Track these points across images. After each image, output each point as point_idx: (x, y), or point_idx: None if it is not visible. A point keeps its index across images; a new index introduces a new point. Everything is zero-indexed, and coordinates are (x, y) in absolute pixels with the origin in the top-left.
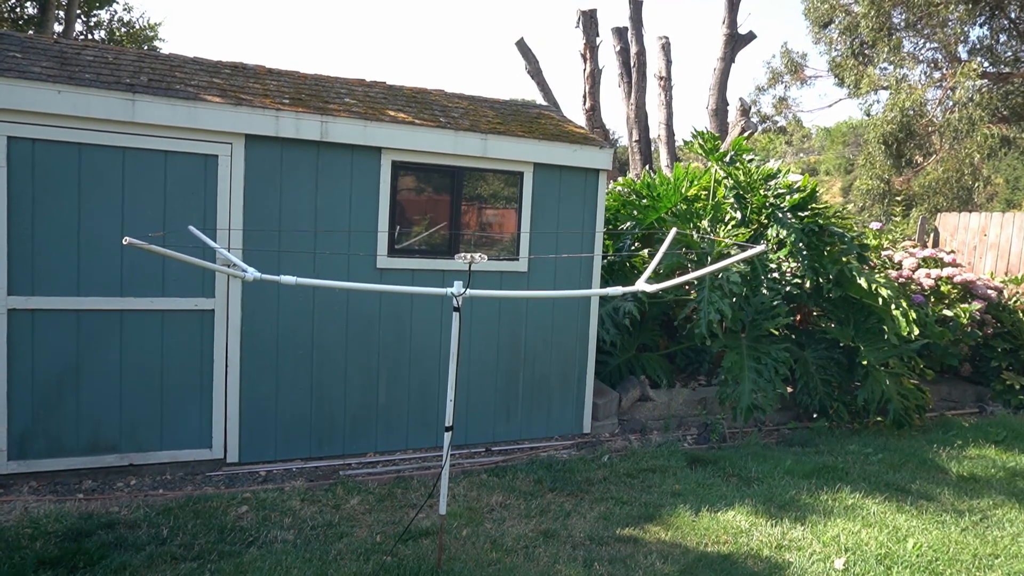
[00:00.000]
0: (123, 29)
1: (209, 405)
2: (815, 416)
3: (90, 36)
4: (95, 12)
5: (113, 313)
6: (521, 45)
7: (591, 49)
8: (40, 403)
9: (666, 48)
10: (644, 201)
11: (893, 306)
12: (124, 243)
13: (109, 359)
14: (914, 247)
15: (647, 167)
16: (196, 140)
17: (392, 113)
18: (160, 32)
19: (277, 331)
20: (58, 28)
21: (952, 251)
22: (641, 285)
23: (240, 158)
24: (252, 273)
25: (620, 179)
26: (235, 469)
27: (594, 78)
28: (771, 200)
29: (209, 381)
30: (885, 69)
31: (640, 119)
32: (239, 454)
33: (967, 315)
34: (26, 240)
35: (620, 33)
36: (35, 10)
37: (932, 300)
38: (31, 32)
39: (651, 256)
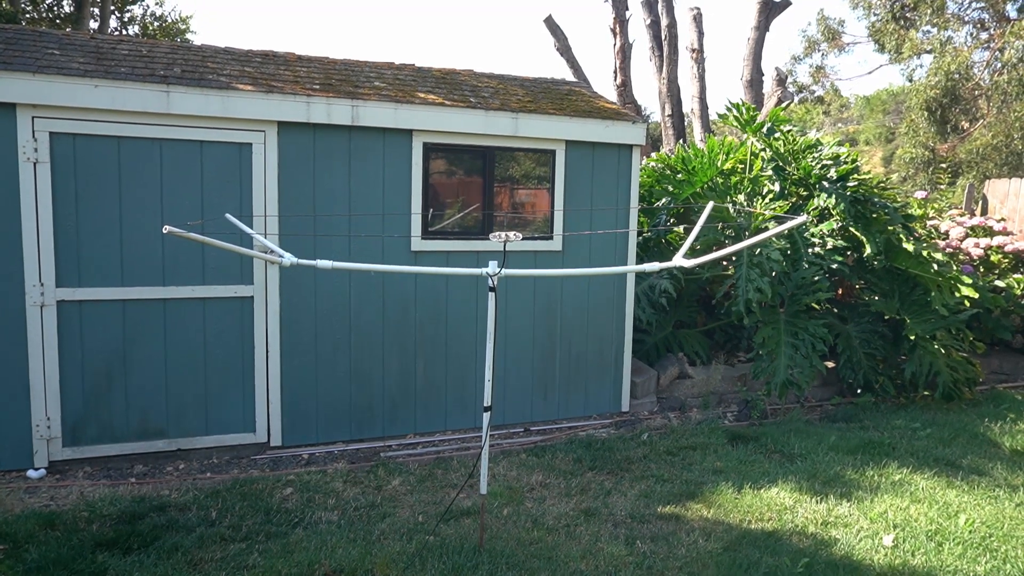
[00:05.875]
0: (155, 23)
1: (252, 390)
2: (859, 391)
3: (124, 31)
4: (128, 7)
5: (156, 302)
6: (550, 22)
7: (621, 23)
8: (91, 391)
9: (698, 19)
10: (679, 176)
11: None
12: (164, 231)
13: (154, 347)
14: (961, 216)
15: (681, 142)
16: (230, 129)
17: (422, 95)
18: (191, 24)
19: (315, 316)
20: (93, 25)
21: (1002, 219)
22: (679, 260)
23: (273, 145)
24: (289, 258)
25: (654, 155)
26: (278, 452)
27: (624, 53)
28: (817, 171)
29: (251, 367)
30: (928, 32)
31: (672, 93)
32: (282, 437)
33: (1020, 285)
34: (71, 233)
35: (650, 5)
36: (71, 7)
37: (982, 271)
38: (68, 29)
39: (687, 232)
